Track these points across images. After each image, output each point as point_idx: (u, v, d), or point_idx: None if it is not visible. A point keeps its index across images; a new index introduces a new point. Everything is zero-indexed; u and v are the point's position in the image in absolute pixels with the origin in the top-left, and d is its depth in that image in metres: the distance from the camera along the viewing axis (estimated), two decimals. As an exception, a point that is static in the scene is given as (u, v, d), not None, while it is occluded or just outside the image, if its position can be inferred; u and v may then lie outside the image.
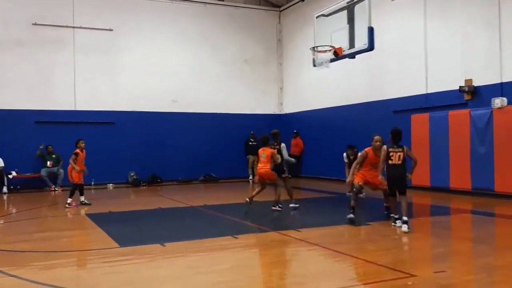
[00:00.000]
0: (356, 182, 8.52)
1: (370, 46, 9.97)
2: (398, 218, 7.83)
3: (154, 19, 18.00)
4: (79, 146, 11.35)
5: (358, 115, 15.81)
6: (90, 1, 16.97)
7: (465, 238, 7.74)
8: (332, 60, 10.97)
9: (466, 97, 12.29)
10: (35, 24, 16.15)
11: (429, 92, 13.42)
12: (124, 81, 17.38)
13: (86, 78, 16.86)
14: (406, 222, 7.50)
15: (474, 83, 12.13)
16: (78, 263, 5.99)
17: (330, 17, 11.46)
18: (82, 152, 11.38)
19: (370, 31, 9.94)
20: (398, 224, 7.73)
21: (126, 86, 17.36)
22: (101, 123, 16.96)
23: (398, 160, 7.62)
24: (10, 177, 15.20)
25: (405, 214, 7.59)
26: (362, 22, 10.27)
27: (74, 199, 11.27)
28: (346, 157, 12.47)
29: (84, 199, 11.48)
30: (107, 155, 16.91)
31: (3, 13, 15.86)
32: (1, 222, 9.55)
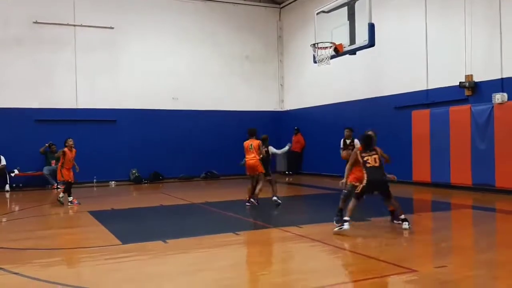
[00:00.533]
0: (349, 182, 7.89)
1: (371, 43, 9.98)
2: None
3: (154, 17, 17.99)
4: (67, 145, 11.11)
5: (359, 112, 15.80)
6: (90, -1, 17.01)
7: (466, 234, 7.77)
8: (332, 56, 10.98)
9: (467, 92, 12.28)
10: (36, 22, 16.15)
11: (429, 88, 13.41)
12: (125, 79, 17.39)
13: (87, 76, 16.88)
14: (406, 220, 7.42)
15: (475, 79, 12.13)
16: (80, 261, 6.02)
17: (330, 13, 11.46)
18: (71, 151, 11.13)
19: (371, 28, 9.94)
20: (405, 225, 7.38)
21: (127, 84, 17.37)
22: (102, 121, 16.99)
23: (375, 162, 7.42)
24: (12, 175, 15.26)
25: (400, 212, 7.50)
26: (362, 19, 10.28)
27: (67, 197, 11.05)
28: (342, 142, 11.87)
29: (61, 197, 11.10)
30: (109, 153, 16.96)
31: (4, 11, 15.87)
32: (3, 220, 9.59)
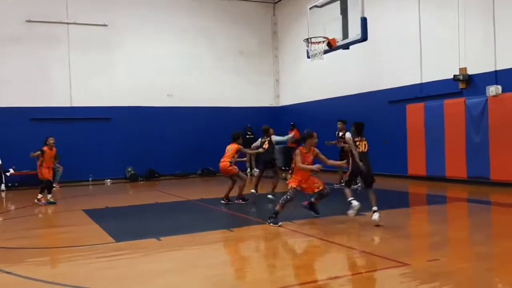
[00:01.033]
0: (291, 185, 7.64)
1: (364, 37, 9.96)
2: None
3: (148, 14, 17.92)
4: (48, 143, 10.91)
5: (354, 106, 15.78)
6: (83, -4, 16.93)
7: (460, 226, 7.79)
8: (326, 51, 10.96)
9: (461, 85, 12.28)
10: (29, 21, 16.09)
11: (424, 81, 13.42)
12: (119, 76, 17.34)
13: (81, 74, 16.82)
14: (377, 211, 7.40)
15: (469, 72, 12.12)
16: (74, 259, 6.00)
17: (323, 8, 11.44)
18: (51, 150, 10.98)
19: (363, 22, 9.92)
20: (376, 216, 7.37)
21: (121, 82, 17.32)
22: (97, 119, 16.95)
23: (364, 148, 7.79)
24: (8, 174, 15.22)
25: (375, 204, 7.47)
26: (355, 13, 10.26)
27: (44, 196, 11.02)
28: (336, 135, 12.25)
29: (50, 198, 11.06)
30: (104, 151, 16.94)
31: (-4, 10, 15.81)
32: (-2, 219, 9.57)
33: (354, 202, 7.56)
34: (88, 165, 16.54)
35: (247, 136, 18.61)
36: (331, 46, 10.68)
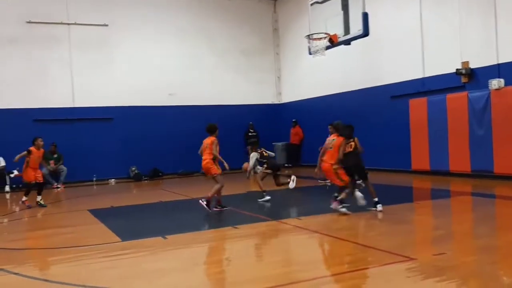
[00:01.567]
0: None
1: (365, 32, 9.96)
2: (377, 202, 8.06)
3: (148, 13, 17.93)
4: (36, 144, 10.60)
5: (356, 102, 15.80)
6: (83, -3, 16.94)
7: (465, 220, 7.79)
8: (327, 47, 10.96)
9: (463, 79, 12.26)
10: (30, 21, 16.11)
11: (426, 76, 13.39)
12: (121, 76, 17.35)
13: (83, 74, 16.85)
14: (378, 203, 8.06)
15: (471, 65, 12.10)
16: (81, 259, 6.02)
17: (324, 4, 11.45)
18: (39, 150, 10.69)
19: (365, 17, 9.92)
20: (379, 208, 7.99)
21: (123, 81, 17.33)
22: (100, 119, 16.98)
23: (350, 148, 8.59)
24: (12, 176, 15.24)
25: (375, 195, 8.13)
26: (356, 8, 10.26)
27: (29, 199, 10.74)
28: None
29: (40, 200, 10.72)
30: (108, 151, 16.97)
31: (-3, 11, 15.83)
32: (4, 220, 9.59)
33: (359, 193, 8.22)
34: (91, 165, 16.58)
35: (250, 133, 18.63)
36: (333, 42, 10.68)
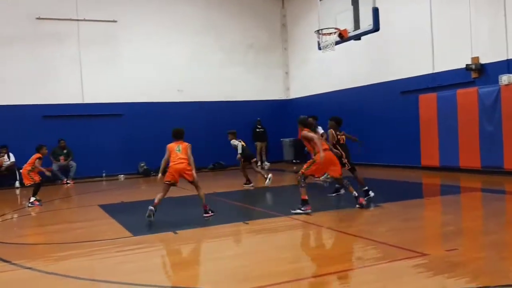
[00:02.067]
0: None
1: (375, 27, 9.91)
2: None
3: (156, 9, 17.95)
4: (42, 153, 11.09)
5: (366, 97, 15.75)
6: (92, -7, 16.99)
7: (475, 216, 7.75)
8: (337, 42, 10.92)
9: (473, 75, 12.17)
10: (39, 18, 16.17)
11: (436, 71, 13.31)
12: (129, 72, 17.37)
13: (92, 70, 16.90)
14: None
15: (481, 61, 12.01)
16: (93, 253, 6.06)
17: (334, -1, 11.39)
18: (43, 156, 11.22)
19: (375, 12, 9.86)
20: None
21: (132, 77, 17.36)
22: (109, 115, 17.04)
23: (343, 141, 9.57)
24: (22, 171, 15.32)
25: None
26: (366, 3, 10.20)
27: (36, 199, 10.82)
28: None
29: (35, 199, 10.86)
30: (117, 147, 17.05)
31: (6, 8, 15.87)
32: (15, 216, 9.68)
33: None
34: (101, 161, 16.66)
35: (257, 129, 18.65)
36: (343, 37, 10.64)
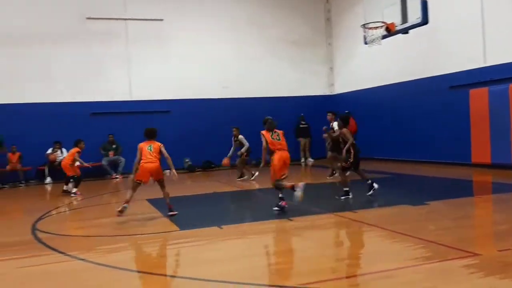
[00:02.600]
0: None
1: (424, 20, 9.66)
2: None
3: (202, 5, 18.16)
4: (80, 147, 12.09)
5: (413, 92, 15.36)
6: (140, -8, 17.38)
7: (530, 216, 7.42)
8: (384, 36, 10.71)
9: (528, 68, 11.64)
10: (89, 18, 16.70)
11: (487, 65, 12.79)
12: (176, 69, 17.67)
13: (139, 68, 17.32)
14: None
15: (537, 53, 11.47)
16: (141, 246, 6.24)
17: (380, -8, 11.17)
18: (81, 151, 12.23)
19: (424, 4, 9.62)
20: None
21: (178, 74, 17.65)
22: (156, 112, 17.40)
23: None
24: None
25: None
26: (414, -4, 9.95)
27: (78, 189, 11.98)
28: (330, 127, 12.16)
29: (69, 188, 12.03)
30: (163, 143, 17.26)
31: (57, 8, 16.47)
32: (67, 210, 10.08)
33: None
34: (147, 156, 17.03)
35: (301, 125, 18.55)
36: (390, 31, 10.44)
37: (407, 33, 10.65)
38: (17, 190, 14.58)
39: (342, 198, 8.75)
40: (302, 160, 18.05)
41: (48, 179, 15.64)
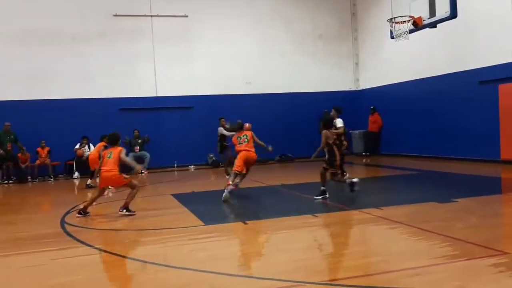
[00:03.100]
0: None
1: (453, 14, 9.45)
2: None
3: (226, 1, 18.22)
4: (106, 141, 12.04)
5: (441, 88, 15.08)
6: (165, -12, 17.51)
7: None
8: (411, 30, 10.53)
9: (561, 62, 11.29)
10: (116, 15, 16.93)
11: (518, 59, 12.48)
12: (200, 65, 17.80)
13: (165, 64, 17.50)
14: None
15: None
16: (167, 240, 6.30)
17: (408, -14, 10.98)
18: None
19: (452, -2, 9.40)
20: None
21: (202, 70, 17.79)
22: (180, 108, 17.58)
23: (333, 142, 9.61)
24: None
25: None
26: (443, -11, 9.74)
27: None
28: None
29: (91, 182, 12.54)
30: (188, 138, 17.56)
31: (86, 6, 16.79)
32: (94, 204, 10.24)
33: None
34: (173, 152, 17.26)
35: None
36: (417, 25, 10.25)
37: (435, 27, 10.43)
38: (46, 184, 14.91)
39: (319, 198, 8.62)
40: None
41: (76, 174, 15.95)
